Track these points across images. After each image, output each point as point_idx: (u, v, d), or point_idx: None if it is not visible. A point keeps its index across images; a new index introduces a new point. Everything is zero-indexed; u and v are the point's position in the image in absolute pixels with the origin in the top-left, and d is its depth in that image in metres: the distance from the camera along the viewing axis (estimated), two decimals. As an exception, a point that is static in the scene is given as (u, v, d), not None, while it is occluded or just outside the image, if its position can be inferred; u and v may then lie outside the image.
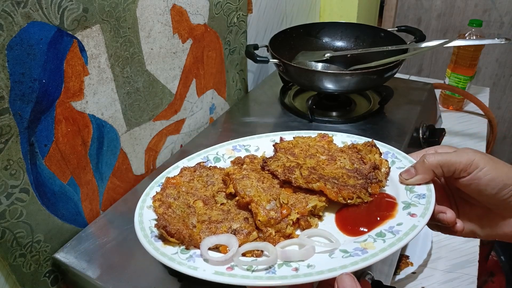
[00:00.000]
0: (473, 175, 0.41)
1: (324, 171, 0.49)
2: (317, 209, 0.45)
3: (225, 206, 0.47)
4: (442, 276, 0.80)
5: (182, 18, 0.75)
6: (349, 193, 0.45)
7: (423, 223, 0.40)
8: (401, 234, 0.39)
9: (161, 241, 0.42)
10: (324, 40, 1.04)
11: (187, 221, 0.43)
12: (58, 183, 0.59)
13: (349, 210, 0.45)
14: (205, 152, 0.57)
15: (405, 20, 1.98)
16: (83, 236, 0.62)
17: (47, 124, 0.55)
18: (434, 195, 0.43)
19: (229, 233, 0.42)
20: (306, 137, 0.57)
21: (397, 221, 0.42)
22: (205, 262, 0.39)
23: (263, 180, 0.47)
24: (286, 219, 0.43)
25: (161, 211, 0.44)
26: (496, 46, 1.83)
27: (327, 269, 0.36)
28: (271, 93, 1.00)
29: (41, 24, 0.51)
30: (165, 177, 0.51)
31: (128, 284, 0.53)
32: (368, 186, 0.46)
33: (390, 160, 0.51)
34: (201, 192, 0.49)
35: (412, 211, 0.42)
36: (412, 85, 1.00)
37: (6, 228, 0.53)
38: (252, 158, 0.54)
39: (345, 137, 0.57)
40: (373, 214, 0.43)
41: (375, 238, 0.40)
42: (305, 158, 0.51)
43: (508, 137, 2.00)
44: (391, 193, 0.47)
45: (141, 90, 0.70)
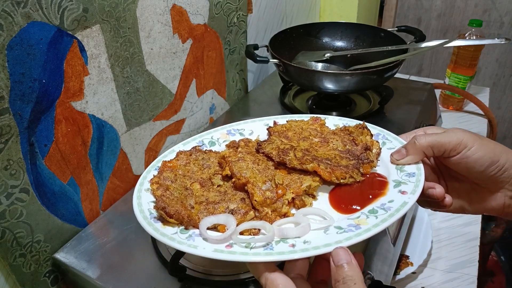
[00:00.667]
0: (462, 154, 0.43)
1: (317, 153, 0.50)
2: (312, 188, 0.46)
3: (221, 187, 0.48)
4: (442, 276, 0.80)
5: (182, 18, 0.75)
6: (341, 173, 0.46)
7: (413, 199, 0.41)
8: (392, 210, 0.41)
9: (160, 222, 0.42)
10: (324, 40, 1.04)
11: (185, 203, 0.44)
12: (58, 183, 0.59)
13: (342, 189, 0.47)
14: (200, 136, 0.57)
15: (405, 20, 1.98)
16: (83, 236, 0.62)
17: (47, 124, 0.55)
18: (423, 173, 0.45)
19: (227, 213, 0.43)
20: (299, 120, 0.58)
21: (388, 198, 0.43)
22: (204, 241, 0.40)
23: (258, 162, 0.48)
24: (282, 199, 0.44)
25: (159, 193, 0.45)
26: (496, 46, 1.83)
27: (322, 244, 0.37)
28: (271, 93, 1.00)
29: (41, 24, 0.51)
30: (162, 160, 0.52)
31: (128, 284, 0.53)
32: (360, 166, 0.48)
33: (381, 141, 0.53)
34: (197, 175, 0.50)
35: (402, 188, 0.44)
36: (412, 85, 1.00)
37: (6, 228, 0.53)
38: (246, 142, 0.54)
39: (337, 120, 0.58)
40: (365, 192, 0.45)
41: (368, 214, 0.41)
42: (298, 141, 0.53)
43: (508, 137, 2.00)
44: (382, 172, 0.48)
45: (141, 90, 0.70)
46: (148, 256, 0.57)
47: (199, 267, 0.56)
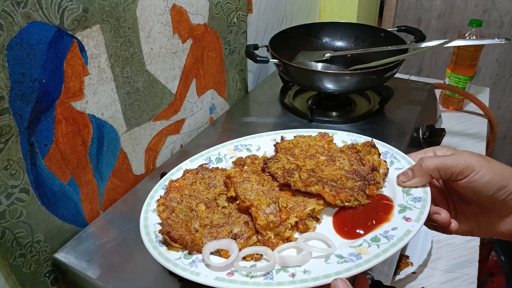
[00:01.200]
0: (470, 178, 0.42)
1: (323, 173, 0.49)
2: (315, 212, 0.46)
3: (226, 209, 0.48)
4: (442, 276, 0.80)
5: (182, 18, 0.75)
6: (346, 196, 0.45)
7: (417, 228, 0.41)
8: (395, 239, 0.40)
9: (165, 246, 0.43)
10: (324, 40, 1.04)
11: (190, 226, 0.45)
12: (58, 183, 0.59)
13: (347, 213, 0.46)
14: (207, 152, 0.57)
15: (405, 20, 1.97)
16: (83, 236, 0.62)
17: (47, 124, 0.55)
18: (430, 198, 0.44)
19: (230, 237, 0.43)
20: (306, 136, 0.58)
21: (392, 225, 0.42)
22: (207, 267, 0.40)
23: (263, 183, 0.48)
24: (285, 223, 0.44)
25: (165, 216, 0.46)
26: (496, 46, 1.83)
27: (322, 275, 0.38)
28: (271, 93, 1.00)
29: (41, 24, 0.51)
30: (169, 180, 0.52)
31: (128, 284, 0.53)
32: (366, 188, 0.47)
33: (389, 161, 0.51)
34: (203, 195, 0.50)
35: (407, 215, 0.43)
36: (412, 85, 1.00)
37: (6, 228, 0.53)
38: (253, 159, 0.54)
39: (345, 136, 0.57)
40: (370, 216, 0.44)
41: (370, 243, 0.41)
42: (304, 159, 0.52)
43: (508, 137, 2.00)
44: (389, 194, 0.47)
45: (141, 90, 0.70)
46: (148, 256, 0.57)
47: (199, 267, 0.56)
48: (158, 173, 0.67)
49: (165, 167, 0.77)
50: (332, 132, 0.58)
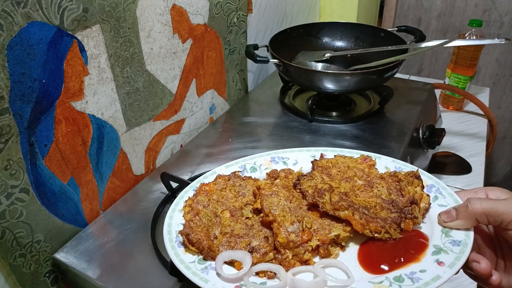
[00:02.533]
0: None
1: (356, 198, 0.46)
2: (340, 238, 0.43)
3: (249, 220, 0.47)
4: (442, 276, 0.80)
5: (182, 18, 0.75)
6: (377, 226, 0.42)
7: (448, 275, 0.37)
8: (420, 283, 0.37)
9: (183, 247, 0.44)
10: (324, 40, 1.04)
11: (210, 231, 0.45)
12: (58, 183, 0.59)
13: (375, 244, 0.43)
14: (243, 160, 0.57)
15: (405, 20, 1.97)
16: (83, 236, 0.62)
17: (47, 124, 0.55)
18: (471, 243, 0.39)
19: (248, 249, 0.42)
20: (347, 157, 0.55)
21: (421, 266, 0.39)
22: (217, 276, 0.40)
23: (291, 199, 0.47)
24: (306, 245, 0.42)
25: (189, 217, 0.46)
26: (496, 46, 1.83)
27: None
28: (271, 93, 1.00)
29: (41, 24, 0.51)
30: (200, 183, 0.52)
31: (128, 284, 0.53)
32: (402, 221, 0.44)
33: (433, 195, 0.47)
34: (230, 202, 0.50)
35: (441, 258, 0.39)
36: (412, 85, 1.00)
37: (6, 228, 0.53)
38: (287, 173, 0.53)
39: (389, 162, 0.53)
40: (399, 253, 0.40)
41: (392, 282, 0.38)
42: (340, 181, 0.50)
43: (508, 137, 2.00)
44: (426, 232, 0.43)
45: (141, 90, 0.70)
46: (148, 256, 0.57)
47: (199, 267, 0.56)
48: (158, 173, 0.67)
49: (165, 167, 0.77)
50: (376, 156, 0.55)
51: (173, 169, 0.75)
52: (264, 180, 0.52)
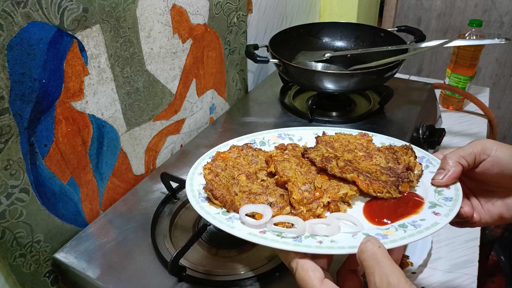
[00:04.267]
0: (493, 156, 0.44)
1: (359, 165, 0.52)
2: (348, 196, 0.48)
3: (265, 182, 0.51)
4: (442, 276, 0.80)
5: (182, 18, 0.75)
6: (379, 186, 0.48)
7: (445, 222, 0.42)
8: (422, 228, 0.42)
9: (206, 202, 0.47)
10: (324, 40, 1.04)
11: (230, 189, 0.49)
12: (58, 183, 0.59)
13: (378, 203, 0.48)
14: (253, 135, 0.61)
15: (405, 20, 1.98)
16: (83, 236, 0.62)
17: (47, 124, 0.55)
18: (461, 199, 0.45)
19: (266, 204, 0.46)
20: (347, 134, 0.60)
21: (420, 217, 0.44)
22: (241, 224, 0.44)
23: (301, 165, 0.51)
24: (318, 201, 0.46)
25: (210, 177, 0.50)
26: (496, 46, 1.83)
27: (348, 245, 0.40)
28: (271, 93, 1.00)
29: (41, 24, 0.51)
30: (216, 151, 0.56)
31: (128, 284, 0.53)
32: (399, 184, 0.49)
33: (424, 164, 0.53)
34: (245, 168, 0.54)
35: (437, 210, 0.44)
36: (412, 85, 1.00)
37: (6, 228, 0.53)
38: (294, 146, 0.57)
39: (384, 139, 0.59)
40: (399, 209, 0.46)
41: (397, 227, 0.43)
42: (343, 152, 0.55)
43: (508, 137, 2.00)
44: (421, 193, 0.49)
45: (141, 90, 0.70)
46: (148, 256, 0.57)
47: (199, 267, 0.56)
48: (158, 173, 0.67)
49: (165, 167, 0.77)
50: (373, 134, 0.60)
51: (173, 169, 0.75)
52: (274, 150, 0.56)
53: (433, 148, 0.93)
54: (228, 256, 0.58)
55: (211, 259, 0.58)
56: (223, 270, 0.55)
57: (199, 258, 0.58)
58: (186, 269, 0.54)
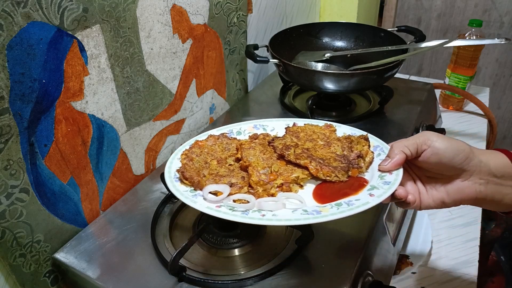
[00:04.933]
0: (432, 147, 0.50)
1: (316, 153, 0.58)
2: (300, 179, 0.54)
3: (232, 166, 0.58)
4: (442, 276, 0.80)
5: (182, 18, 0.75)
6: (328, 171, 0.54)
7: (376, 202, 0.47)
8: (353, 206, 0.47)
9: (179, 182, 0.55)
10: (324, 40, 1.04)
11: (200, 172, 0.56)
12: (58, 183, 0.59)
13: (327, 185, 0.54)
14: (230, 126, 0.68)
15: (405, 20, 1.98)
16: (83, 236, 0.62)
17: (47, 124, 0.55)
18: (398, 183, 0.50)
19: (227, 185, 0.53)
20: (314, 125, 0.66)
21: (357, 197, 0.50)
22: (203, 200, 0.51)
23: (264, 152, 0.58)
24: (272, 183, 0.53)
25: (184, 162, 0.58)
26: (496, 46, 1.83)
27: (285, 218, 0.47)
28: (271, 93, 1.00)
29: (41, 24, 0.51)
30: (195, 139, 0.63)
31: (128, 284, 0.53)
32: (349, 169, 0.55)
33: (377, 153, 0.58)
34: (218, 154, 0.61)
35: (373, 192, 0.50)
36: (412, 85, 1.00)
37: (6, 228, 0.53)
38: (265, 135, 0.64)
39: (348, 130, 0.65)
40: (343, 190, 0.52)
41: (333, 205, 0.49)
42: (305, 141, 0.61)
43: (508, 137, 2.00)
44: (368, 178, 0.54)
45: (141, 90, 0.70)
46: (148, 256, 0.57)
47: (199, 267, 0.56)
48: (158, 173, 0.67)
49: (165, 167, 0.77)
50: (337, 125, 0.66)
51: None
52: (245, 139, 0.64)
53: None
54: (228, 256, 0.58)
55: (211, 259, 0.58)
56: (223, 270, 0.55)
57: (199, 258, 0.58)
58: (186, 269, 0.54)
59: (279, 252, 0.57)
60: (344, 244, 0.58)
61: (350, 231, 0.60)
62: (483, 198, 0.52)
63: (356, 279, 0.54)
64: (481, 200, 0.52)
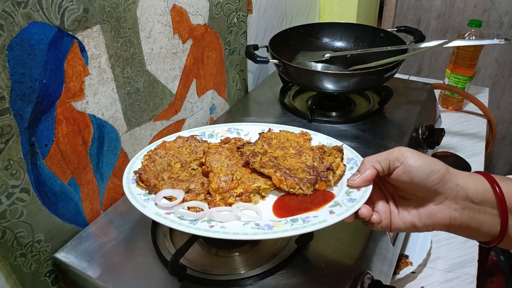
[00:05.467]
0: (405, 164, 0.46)
1: (284, 162, 0.55)
2: (261, 189, 0.52)
3: (194, 171, 0.55)
4: (442, 276, 0.80)
5: (182, 18, 0.75)
6: (292, 183, 0.50)
7: (334, 221, 0.44)
8: (308, 223, 0.44)
9: (135, 184, 0.53)
10: (323, 40, 1.04)
11: (160, 175, 0.54)
12: (58, 183, 0.59)
13: (289, 197, 0.51)
14: (204, 128, 0.65)
15: (405, 21, 1.98)
16: (84, 236, 0.62)
17: (47, 124, 0.55)
18: (363, 200, 0.47)
19: (185, 190, 0.51)
20: (289, 132, 0.63)
21: (316, 214, 0.47)
22: (155, 205, 0.49)
23: (230, 158, 0.55)
24: (232, 191, 0.51)
25: (145, 163, 0.55)
26: (496, 46, 1.83)
27: (232, 232, 0.44)
28: (271, 93, 1.00)
29: (42, 24, 0.51)
30: (163, 140, 0.61)
31: (129, 283, 0.54)
32: (317, 182, 0.52)
33: (349, 166, 0.55)
34: (184, 157, 0.58)
35: (334, 209, 0.47)
36: (412, 85, 1.00)
37: (6, 228, 0.53)
38: (237, 140, 0.61)
39: (323, 139, 0.61)
40: (304, 204, 0.49)
41: (288, 221, 0.46)
42: (276, 149, 0.58)
43: (507, 137, 2.01)
44: (336, 193, 0.51)
45: (142, 90, 0.70)
46: (148, 256, 0.57)
47: (199, 267, 0.56)
48: (158, 173, 0.67)
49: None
50: (313, 133, 0.62)
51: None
52: (214, 143, 0.61)
53: (433, 148, 0.93)
54: (228, 256, 0.58)
55: (211, 259, 0.58)
56: (223, 270, 0.55)
57: (199, 258, 0.58)
58: (186, 268, 0.54)
59: (279, 252, 0.57)
60: (344, 244, 0.58)
61: (350, 231, 0.60)
62: (458, 225, 0.46)
63: (356, 279, 0.54)
64: (456, 227, 0.47)
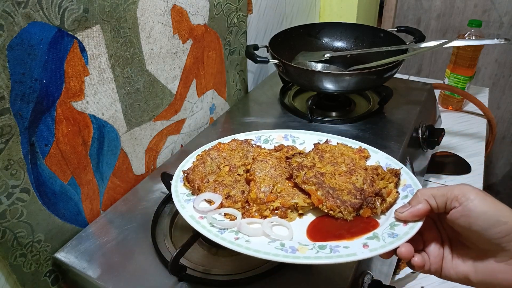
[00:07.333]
0: (464, 205, 0.39)
1: (330, 180, 0.51)
2: (300, 207, 0.49)
3: (240, 177, 0.55)
4: (442, 276, 0.80)
5: (183, 18, 0.75)
6: (333, 205, 0.47)
7: (364, 256, 0.40)
8: (335, 254, 0.41)
9: (182, 183, 0.54)
10: (323, 40, 1.04)
11: (206, 177, 0.54)
12: (58, 183, 0.59)
13: (327, 219, 0.48)
14: (261, 132, 0.64)
15: (405, 21, 1.98)
16: (84, 236, 0.62)
17: (47, 124, 0.55)
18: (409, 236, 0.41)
19: (225, 196, 0.51)
20: (347, 146, 0.59)
21: (347, 244, 0.42)
22: (193, 207, 0.49)
23: (276, 168, 0.54)
24: (269, 204, 0.49)
25: (196, 163, 0.56)
26: (496, 46, 1.83)
27: (254, 249, 0.42)
28: (271, 93, 1.00)
29: (42, 24, 0.51)
30: (218, 141, 0.61)
31: (128, 284, 0.54)
32: (362, 208, 0.47)
33: (404, 194, 0.49)
34: (234, 161, 0.57)
35: (369, 242, 0.42)
36: (412, 85, 1.00)
37: (6, 228, 0.53)
38: (289, 149, 0.60)
39: (383, 159, 0.56)
40: (340, 231, 0.45)
41: (314, 247, 0.42)
42: (327, 164, 0.54)
43: (507, 137, 2.01)
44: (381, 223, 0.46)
45: (142, 90, 0.70)
46: (148, 256, 0.57)
47: (199, 267, 0.56)
48: (159, 173, 0.67)
49: (166, 167, 0.77)
50: (373, 150, 0.57)
51: (174, 169, 0.74)
52: (264, 150, 0.60)
53: (433, 148, 0.93)
54: (228, 256, 0.58)
55: (211, 259, 0.58)
56: (223, 270, 0.55)
57: (199, 258, 0.58)
58: (186, 268, 0.54)
59: (279, 252, 0.57)
60: (344, 243, 0.58)
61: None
62: None
63: (356, 279, 0.54)
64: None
